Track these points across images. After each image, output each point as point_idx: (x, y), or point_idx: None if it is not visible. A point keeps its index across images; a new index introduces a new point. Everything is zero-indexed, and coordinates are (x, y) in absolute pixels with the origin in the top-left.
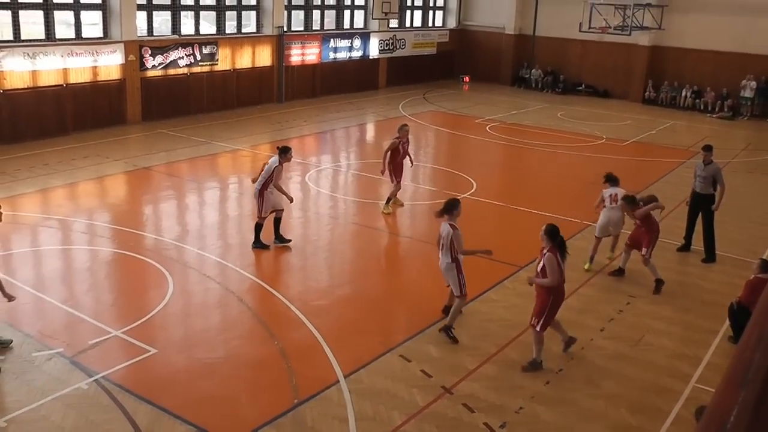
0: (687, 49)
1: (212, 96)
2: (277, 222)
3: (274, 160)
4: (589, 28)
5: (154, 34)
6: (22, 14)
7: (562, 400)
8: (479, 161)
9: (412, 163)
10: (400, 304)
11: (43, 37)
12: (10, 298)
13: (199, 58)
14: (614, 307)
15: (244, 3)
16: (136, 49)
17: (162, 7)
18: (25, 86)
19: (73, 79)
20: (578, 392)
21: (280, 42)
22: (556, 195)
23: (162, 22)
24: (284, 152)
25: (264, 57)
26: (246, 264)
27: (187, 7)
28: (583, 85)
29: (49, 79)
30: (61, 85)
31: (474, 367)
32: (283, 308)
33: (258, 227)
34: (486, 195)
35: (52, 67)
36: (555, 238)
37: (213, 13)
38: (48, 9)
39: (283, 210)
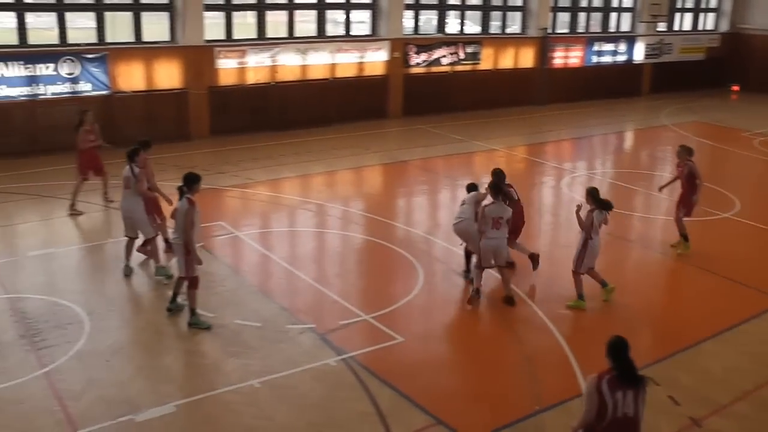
0: None
1: (472, 95)
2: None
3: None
4: None
5: (420, 32)
6: (297, 13)
7: None
8: (744, 178)
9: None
10: (649, 323)
11: (314, 34)
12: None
13: (462, 57)
14: None
15: (509, 3)
16: (401, 47)
17: (429, 7)
18: (295, 79)
19: (340, 73)
20: None
21: (544, 44)
22: None
23: (427, 20)
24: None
25: (526, 58)
26: None
27: (454, 7)
28: None
29: (317, 73)
30: (328, 79)
31: (727, 402)
32: (528, 312)
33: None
34: (750, 216)
35: (321, 62)
36: None
37: (478, 13)
38: (321, 8)
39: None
